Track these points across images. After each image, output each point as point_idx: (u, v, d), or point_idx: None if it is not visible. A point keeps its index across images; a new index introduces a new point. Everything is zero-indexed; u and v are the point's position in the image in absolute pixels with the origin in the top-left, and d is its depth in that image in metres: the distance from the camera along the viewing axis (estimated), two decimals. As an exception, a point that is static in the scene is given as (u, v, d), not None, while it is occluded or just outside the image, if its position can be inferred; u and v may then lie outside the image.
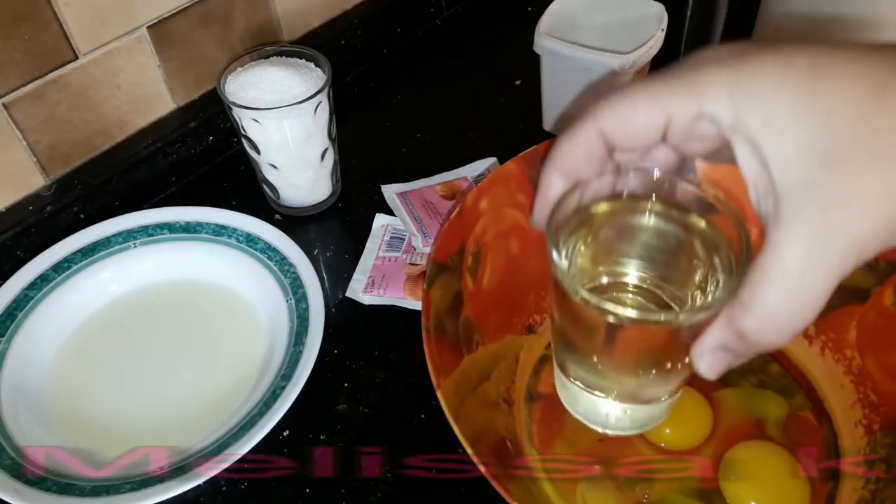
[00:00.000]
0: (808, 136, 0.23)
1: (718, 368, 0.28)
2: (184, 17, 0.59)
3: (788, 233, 0.24)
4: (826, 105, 0.23)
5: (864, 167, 0.23)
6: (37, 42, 0.52)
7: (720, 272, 0.30)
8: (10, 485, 0.42)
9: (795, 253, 0.24)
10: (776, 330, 0.25)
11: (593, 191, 0.31)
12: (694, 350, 0.29)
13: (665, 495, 0.41)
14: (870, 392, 0.43)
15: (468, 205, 0.43)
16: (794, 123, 0.24)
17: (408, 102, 0.71)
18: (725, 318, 0.27)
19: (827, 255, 0.24)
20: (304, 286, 0.51)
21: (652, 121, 0.27)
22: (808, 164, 0.24)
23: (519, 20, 0.72)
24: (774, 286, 0.25)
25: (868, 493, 0.40)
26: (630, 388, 0.35)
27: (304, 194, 0.59)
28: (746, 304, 0.25)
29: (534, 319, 0.48)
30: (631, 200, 0.32)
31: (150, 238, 0.56)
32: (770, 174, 0.24)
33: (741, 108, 0.25)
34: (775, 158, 0.24)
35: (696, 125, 0.26)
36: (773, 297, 0.25)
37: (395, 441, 0.46)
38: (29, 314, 0.51)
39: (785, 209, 0.24)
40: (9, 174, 0.55)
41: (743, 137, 0.25)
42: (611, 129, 0.28)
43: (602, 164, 0.30)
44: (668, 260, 0.34)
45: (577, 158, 0.30)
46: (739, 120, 0.25)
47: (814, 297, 0.24)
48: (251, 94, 0.53)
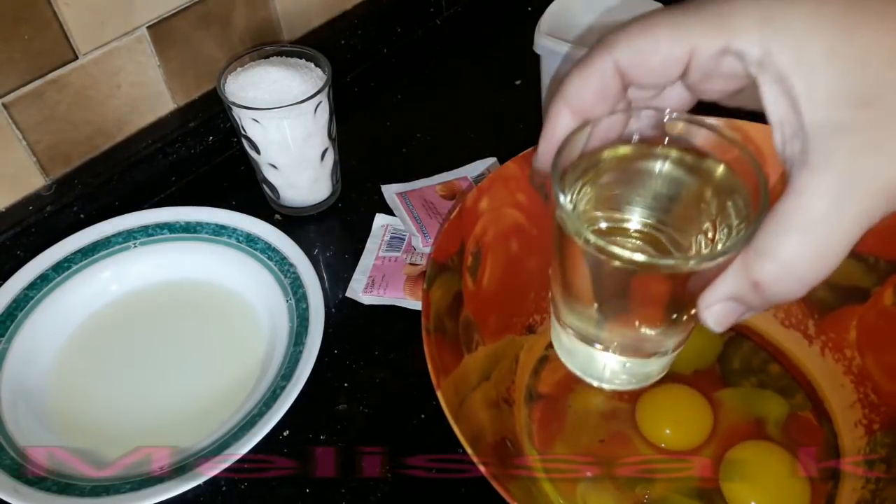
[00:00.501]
0: (842, 76, 0.22)
1: (727, 321, 0.27)
2: (184, 17, 0.59)
3: (816, 176, 0.23)
4: (862, 45, 0.22)
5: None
6: (37, 42, 0.52)
7: (733, 218, 0.29)
8: (11, 485, 0.42)
9: (822, 198, 0.23)
10: (794, 280, 0.24)
11: (602, 130, 0.29)
12: (702, 300, 0.27)
13: (665, 495, 0.41)
14: (870, 392, 0.43)
15: (468, 205, 0.43)
16: (827, 62, 0.22)
17: (408, 102, 0.71)
18: (739, 267, 0.25)
19: (855, 201, 0.23)
20: (304, 286, 0.51)
21: (674, 54, 0.25)
22: (840, 106, 0.22)
23: (519, 20, 0.72)
24: (796, 233, 0.23)
25: (868, 493, 0.40)
26: (630, 339, 0.33)
27: (304, 194, 0.59)
28: (764, 252, 0.24)
29: (534, 319, 0.48)
30: (641, 143, 0.30)
31: (150, 238, 0.56)
32: (800, 115, 0.23)
33: (772, 43, 0.23)
34: (806, 98, 0.23)
35: (720, 61, 0.25)
36: (795, 245, 0.23)
37: (396, 441, 0.46)
38: (29, 314, 0.51)
39: (813, 152, 0.23)
40: (9, 174, 0.55)
41: (772, 75, 0.24)
42: (628, 63, 0.26)
43: (615, 101, 0.28)
44: (674, 205, 0.32)
45: (589, 93, 0.28)
46: (769, 56, 0.23)
47: (838, 246, 0.23)
48: (251, 94, 0.53)
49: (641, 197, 0.32)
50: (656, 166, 0.31)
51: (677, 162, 0.30)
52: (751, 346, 0.48)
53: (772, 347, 0.47)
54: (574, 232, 0.27)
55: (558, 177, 0.28)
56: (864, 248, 0.44)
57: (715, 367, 0.47)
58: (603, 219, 0.32)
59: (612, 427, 0.44)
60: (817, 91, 0.23)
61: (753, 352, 0.47)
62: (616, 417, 0.45)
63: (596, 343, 0.33)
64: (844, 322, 0.45)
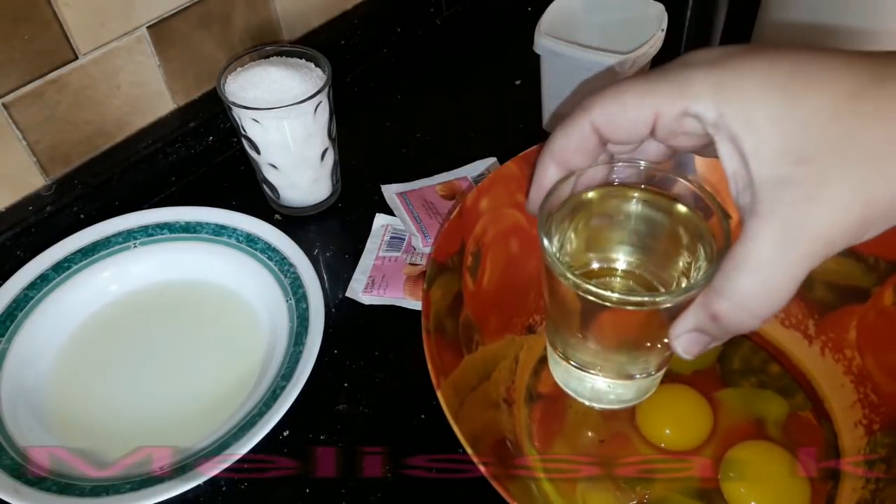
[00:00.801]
0: (785, 135, 0.25)
1: (694, 350, 0.30)
2: (184, 17, 0.59)
3: (762, 224, 0.26)
4: (803, 107, 0.25)
5: (836, 166, 0.25)
6: (37, 42, 0.52)
7: (703, 259, 0.32)
8: (11, 485, 0.42)
9: (768, 243, 0.26)
10: (747, 314, 0.27)
11: (587, 179, 0.33)
12: (671, 331, 0.30)
13: (665, 495, 0.41)
14: (870, 392, 0.43)
15: (468, 205, 0.43)
16: (771, 124, 0.25)
17: (408, 102, 0.71)
18: (701, 302, 0.29)
19: (797, 246, 0.25)
20: (304, 286, 0.51)
21: (640, 116, 0.29)
22: (782, 162, 0.25)
23: (519, 20, 0.72)
24: (747, 273, 0.26)
25: (868, 493, 0.40)
26: (614, 365, 0.37)
27: (304, 194, 0.59)
28: (720, 289, 0.27)
29: (534, 319, 0.48)
30: (621, 190, 0.34)
31: (150, 238, 0.56)
32: (749, 170, 0.26)
33: (724, 108, 0.26)
34: (753, 155, 0.26)
35: (682, 122, 0.28)
36: (746, 284, 0.26)
37: (395, 441, 0.46)
38: (29, 314, 0.51)
39: (760, 203, 0.26)
40: (9, 174, 0.55)
41: (725, 135, 0.27)
42: (602, 123, 0.30)
43: (595, 155, 0.32)
44: (656, 247, 0.36)
45: (571, 149, 0.31)
46: (722, 119, 0.26)
47: (784, 285, 0.26)
48: (251, 94, 0.53)
49: (627, 238, 0.36)
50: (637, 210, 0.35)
51: (655, 206, 0.34)
52: (751, 346, 0.48)
53: (772, 347, 0.47)
54: (557, 272, 0.31)
55: (544, 222, 0.32)
56: (864, 249, 0.44)
57: (715, 367, 0.47)
58: (594, 259, 0.36)
59: (611, 427, 0.44)
60: (763, 149, 0.26)
61: (753, 352, 0.47)
62: (616, 417, 0.45)
63: (583, 367, 0.37)
64: (844, 322, 0.45)
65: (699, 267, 0.33)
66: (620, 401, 0.39)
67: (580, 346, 0.36)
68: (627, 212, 0.35)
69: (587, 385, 0.39)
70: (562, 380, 0.40)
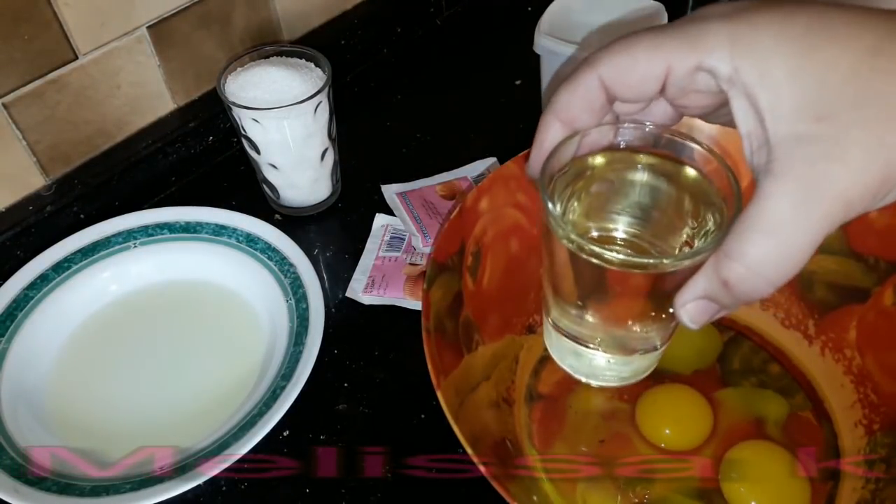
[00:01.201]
0: (802, 92, 0.24)
1: (701, 319, 0.29)
2: (184, 17, 0.59)
3: (778, 184, 0.25)
4: (821, 63, 0.24)
5: (855, 124, 0.24)
6: (37, 42, 0.52)
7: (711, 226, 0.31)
8: (11, 485, 0.42)
9: (784, 203, 0.24)
10: (761, 280, 0.26)
11: (591, 141, 0.31)
12: (678, 298, 0.29)
13: (665, 495, 0.41)
14: (870, 392, 0.43)
15: (468, 205, 0.43)
16: (789, 79, 0.24)
17: (408, 102, 0.71)
18: (711, 267, 0.27)
19: (815, 206, 0.24)
20: (304, 286, 0.51)
21: (651, 71, 0.27)
22: (800, 119, 0.24)
23: (519, 20, 0.72)
24: (761, 235, 0.25)
25: (868, 493, 0.40)
26: (615, 337, 0.35)
27: (304, 194, 0.59)
28: (732, 253, 0.26)
29: (534, 319, 0.48)
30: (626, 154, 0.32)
31: (150, 238, 0.56)
32: (764, 127, 0.25)
33: (739, 62, 0.25)
34: (770, 112, 0.25)
35: (695, 78, 0.27)
36: (760, 247, 0.25)
37: (395, 441, 0.46)
38: (29, 314, 0.51)
39: (776, 161, 0.25)
40: (9, 174, 0.55)
41: (740, 91, 0.26)
42: (610, 77, 0.28)
43: (601, 114, 0.30)
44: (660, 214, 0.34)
45: (576, 106, 0.30)
46: (737, 74, 0.25)
47: (800, 248, 0.25)
48: (251, 94, 0.53)
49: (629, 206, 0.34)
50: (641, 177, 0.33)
51: (660, 173, 0.32)
52: (751, 346, 0.48)
53: (772, 347, 0.47)
54: (559, 233, 0.29)
55: (546, 183, 0.30)
56: (865, 249, 0.44)
57: (715, 367, 0.47)
58: (594, 228, 0.34)
59: (612, 427, 0.44)
60: (780, 105, 0.24)
61: (753, 352, 0.47)
62: (616, 418, 0.45)
63: (581, 340, 0.35)
64: (844, 322, 0.45)
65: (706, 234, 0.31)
66: (619, 378, 0.37)
67: (579, 318, 0.35)
68: (632, 178, 0.33)
69: (585, 360, 0.37)
70: (558, 355, 0.38)
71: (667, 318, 0.32)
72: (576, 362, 0.37)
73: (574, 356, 0.37)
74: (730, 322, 0.49)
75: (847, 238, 0.44)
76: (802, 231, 0.24)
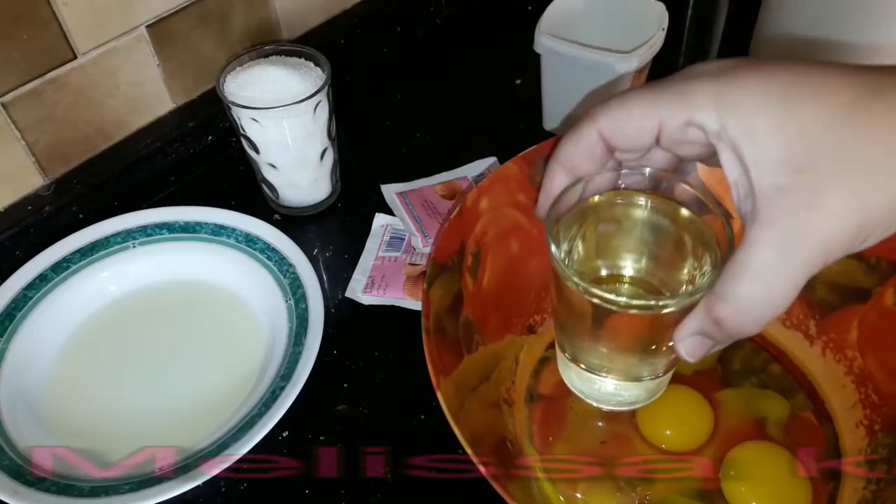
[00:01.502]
0: (783, 146, 0.26)
1: (697, 353, 0.31)
2: (183, 17, 0.59)
3: (762, 232, 0.26)
4: (800, 118, 0.26)
5: (833, 176, 0.25)
6: (36, 41, 0.52)
7: (708, 265, 0.33)
8: (10, 485, 0.41)
9: (768, 250, 0.26)
10: (749, 319, 0.28)
11: (594, 187, 0.34)
12: (676, 334, 0.31)
13: (666, 496, 0.41)
14: (871, 392, 0.43)
15: (468, 205, 0.43)
16: (771, 134, 0.26)
17: (408, 102, 0.71)
18: (703, 307, 0.29)
19: (796, 253, 0.26)
20: (303, 286, 0.51)
21: (645, 125, 0.29)
22: (781, 171, 0.26)
23: (519, 20, 0.72)
24: (747, 279, 0.27)
25: (869, 494, 0.40)
26: (622, 367, 0.38)
27: (304, 194, 0.59)
28: (722, 295, 0.28)
29: (534, 319, 0.48)
30: (629, 196, 0.35)
31: (149, 238, 0.56)
32: (749, 178, 0.27)
33: (726, 118, 0.27)
34: (754, 165, 0.27)
35: (686, 132, 0.29)
36: (746, 289, 0.27)
37: (395, 441, 0.46)
38: (28, 314, 0.51)
39: (761, 210, 0.27)
40: (7, 174, 0.55)
41: (727, 145, 0.27)
42: (608, 131, 0.31)
43: (602, 162, 0.33)
44: (663, 253, 0.36)
45: (579, 156, 0.32)
46: (724, 130, 0.27)
47: (783, 290, 0.27)
48: (250, 93, 0.53)
49: (634, 245, 0.37)
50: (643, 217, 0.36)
51: (662, 213, 0.35)
52: (752, 346, 0.48)
53: (773, 348, 0.47)
54: (564, 277, 0.32)
55: (552, 228, 0.33)
56: (866, 249, 0.43)
57: (716, 368, 0.47)
58: (602, 266, 0.37)
59: (612, 428, 0.44)
60: (763, 159, 0.26)
61: (754, 352, 0.47)
62: (616, 418, 0.45)
63: (591, 369, 0.38)
64: (845, 322, 0.45)
65: (704, 273, 0.33)
66: (628, 402, 0.40)
67: (588, 349, 0.37)
68: (634, 218, 0.36)
69: (595, 387, 0.39)
70: (569, 381, 0.40)
71: (668, 350, 0.34)
72: (586, 388, 0.40)
73: (585, 383, 0.39)
74: (730, 322, 0.49)
75: (848, 238, 0.44)
76: (784, 276, 0.26)
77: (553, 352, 0.48)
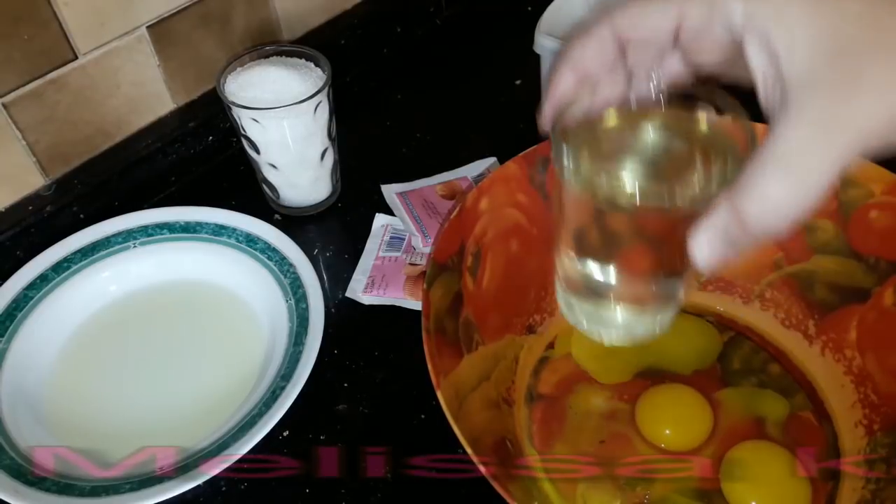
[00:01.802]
0: (818, 30, 0.25)
1: (713, 256, 0.28)
2: (184, 17, 0.59)
3: (794, 121, 0.25)
4: (834, 9, 0.25)
5: (870, 61, 0.24)
6: (36, 42, 0.52)
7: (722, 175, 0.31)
8: (11, 485, 0.41)
9: (800, 139, 0.25)
10: (776, 215, 0.26)
11: (603, 95, 0.31)
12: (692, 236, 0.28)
13: (666, 495, 0.41)
14: (870, 392, 0.43)
15: (468, 205, 0.43)
16: (804, 18, 0.25)
17: (408, 102, 0.71)
18: (726, 204, 0.27)
19: (831, 141, 0.24)
20: (303, 286, 0.51)
21: (664, 19, 0.28)
22: (816, 57, 0.25)
23: (519, 20, 0.72)
24: (778, 171, 0.25)
25: (868, 493, 0.40)
26: (628, 289, 0.35)
27: (304, 194, 0.59)
28: (748, 188, 0.26)
29: (534, 319, 0.48)
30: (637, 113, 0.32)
31: (149, 238, 0.56)
32: (779, 66, 0.25)
33: (753, 8, 0.26)
34: (785, 51, 0.25)
35: (708, 25, 0.27)
36: (775, 181, 0.25)
37: (395, 441, 0.46)
38: (28, 314, 0.51)
39: (792, 99, 0.25)
40: (8, 174, 0.55)
41: (754, 35, 0.26)
42: (623, 27, 0.29)
43: (614, 65, 0.30)
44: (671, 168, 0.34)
45: (589, 57, 0.30)
46: (751, 19, 0.26)
47: (816, 183, 0.25)
48: (251, 93, 0.53)
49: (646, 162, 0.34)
50: (655, 132, 0.33)
51: (674, 127, 0.32)
52: (751, 346, 0.48)
53: (772, 348, 0.47)
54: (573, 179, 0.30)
55: (559, 132, 0.30)
56: (865, 249, 0.44)
57: (715, 367, 0.47)
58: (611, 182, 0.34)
59: (612, 428, 0.44)
60: (795, 45, 0.25)
61: (754, 352, 0.47)
62: (616, 418, 0.45)
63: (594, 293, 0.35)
64: (845, 322, 0.45)
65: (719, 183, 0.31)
66: (631, 335, 0.37)
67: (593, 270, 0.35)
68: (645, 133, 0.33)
69: (598, 316, 0.37)
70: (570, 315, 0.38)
71: (679, 269, 0.32)
72: (588, 319, 0.37)
73: (587, 313, 0.37)
74: (730, 322, 0.49)
75: (848, 238, 0.44)
76: (818, 167, 0.25)
77: (553, 352, 0.48)
